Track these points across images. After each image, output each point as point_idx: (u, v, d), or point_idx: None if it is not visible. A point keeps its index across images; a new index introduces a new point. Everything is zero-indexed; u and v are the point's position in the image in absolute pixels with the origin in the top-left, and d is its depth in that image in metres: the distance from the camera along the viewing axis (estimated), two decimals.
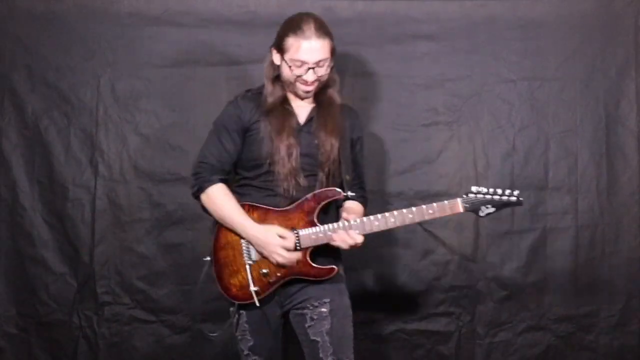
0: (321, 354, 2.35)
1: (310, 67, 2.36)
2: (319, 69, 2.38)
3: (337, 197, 2.40)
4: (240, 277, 2.39)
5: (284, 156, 2.37)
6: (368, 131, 3.13)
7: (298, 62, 2.36)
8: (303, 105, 2.49)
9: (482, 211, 2.38)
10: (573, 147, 3.19)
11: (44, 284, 3.16)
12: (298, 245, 2.36)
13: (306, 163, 2.41)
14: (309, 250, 2.37)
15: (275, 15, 3.05)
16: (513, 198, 2.39)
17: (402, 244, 3.15)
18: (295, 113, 2.46)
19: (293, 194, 2.39)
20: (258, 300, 2.36)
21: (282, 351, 2.54)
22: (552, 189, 3.18)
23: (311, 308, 2.39)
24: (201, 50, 3.16)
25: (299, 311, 2.42)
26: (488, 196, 2.37)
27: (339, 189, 2.40)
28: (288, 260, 2.34)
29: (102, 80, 3.17)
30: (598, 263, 3.19)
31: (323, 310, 2.38)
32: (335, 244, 2.36)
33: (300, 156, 2.39)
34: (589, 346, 3.18)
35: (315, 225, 2.36)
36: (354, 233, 2.34)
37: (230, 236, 2.41)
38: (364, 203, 2.60)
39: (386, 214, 2.36)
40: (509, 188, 2.99)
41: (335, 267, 2.39)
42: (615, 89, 3.18)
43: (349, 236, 2.33)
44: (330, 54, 2.40)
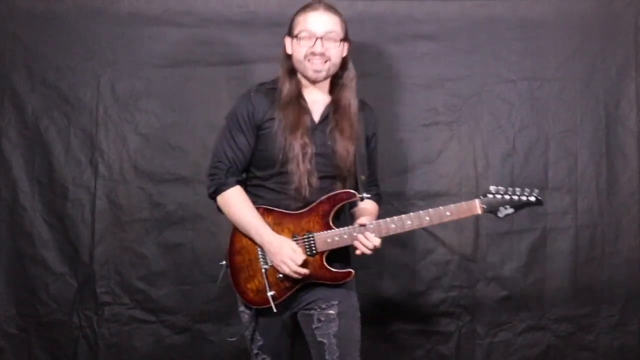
0: (327, 356, 2.33)
1: (318, 37, 2.31)
2: (329, 44, 2.33)
3: (353, 200, 2.36)
4: (256, 282, 2.35)
5: (298, 156, 2.32)
6: None
7: (306, 33, 2.32)
8: (318, 100, 2.42)
9: (501, 212, 2.31)
10: (573, 147, 3.19)
11: (44, 284, 3.15)
12: (314, 249, 2.32)
13: (320, 163, 2.36)
14: (325, 254, 2.33)
15: (275, 15, 3.07)
16: (532, 198, 2.31)
17: (402, 244, 3.14)
18: (309, 110, 2.40)
19: (306, 196, 2.33)
20: (275, 305, 2.33)
21: (291, 350, 2.52)
22: (552, 189, 3.18)
23: (319, 309, 2.36)
24: (201, 50, 3.16)
25: (307, 312, 2.39)
26: (507, 196, 2.31)
27: (354, 191, 2.35)
28: (293, 273, 2.29)
29: (102, 80, 3.16)
30: (598, 263, 3.19)
31: (331, 312, 2.35)
32: (358, 252, 2.32)
33: (314, 156, 2.34)
34: (589, 346, 3.18)
35: (330, 228, 2.32)
36: (371, 236, 2.29)
37: (245, 240, 2.37)
38: (379, 201, 2.56)
39: (402, 216, 2.31)
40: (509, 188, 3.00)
41: (352, 271, 2.35)
42: (615, 89, 3.18)
43: (368, 240, 2.29)
44: (340, 32, 2.36)
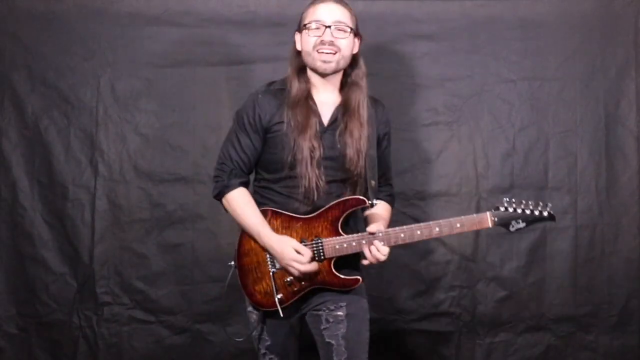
0: (335, 357, 2.31)
1: (327, 27, 2.28)
2: (338, 34, 2.29)
3: (362, 206, 2.32)
4: (264, 284, 2.33)
5: (306, 159, 2.28)
6: None
7: (315, 24, 2.29)
8: (327, 101, 2.38)
9: (513, 226, 2.27)
10: (573, 147, 3.19)
11: (44, 284, 3.15)
12: (322, 255, 2.29)
13: (329, 167, 2.32)
14: (333, 260, 2.30)
15: (275, 15, 3.07)
16: (545, 213, 2.27)
17: (402, 244, 3.13)
18: (318, 112, 2.35)
19: (314, 200, 2.30)
20: (282, 308, 2.30)
21: (298, 351, 2.50)
22: (552, 189, 3.18)
23: (327, 310, 2.34)
24: (201, 50, 3.16)
25: (316, 312, 2.36)
26: (519, 210, 2.27)
27: (364, 198, 2.31)
28: (301, 273, 2.27)
29: (102, 80, 3.17)
30: (597, 263, 3.19)
31: (339, 313, 2.33)
32: (366, 262, 2.29)
33: (322, 160, 2.31)
34: (589, 346, 3.18)
35: (339, 234, 2.29)
36: (380, 245, 2.26)
37: (253, 243, 2.34)
38: (392, 202, 2.53)
39: (412, 226, 2.28)
40: (509, 188, 3.02)
41: (360, 278, 2.32)
42: (615, 89, 3.18)
43: (378, 250, 2.26)
44: (350, 23, 2.32)
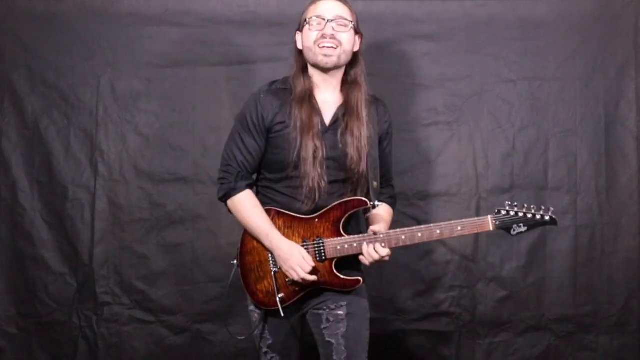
0: (335, 356, 2.31)
1: (327, 21, 2.30)
2: (339, 29, 2.31)
3: (364, 207, 2.33)
4: (266, 284, 2.34)
5: (309, 159, 2.29)
6: None
7: (315, 19, 2.31)
8: (329, 101, 2.39)
9: (514, 230, 2.28)
10: (573, 147, 3.19)
11: (44, 284, 3.15)
12: (324, 255, 2.30)
13: (331, 167, 2.33)
14: (334, 260, 2.32)
15: (275, 15, 3.07)
16: (547, 217, 2.27)
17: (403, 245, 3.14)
18: (320, 112, 2.36)
19: (317, 200, 2.32)
20: (283, 308, 2.32)
21: (299, 350, 2.51)
22: (552, 189, 3.18)
23: (327, 310, 2.35)
24: (201, 50, 3.16)
25: (316, 311, 2.37)
26: (521, 214, 2.27)
27: (365, 199, 2.32)
28: (301, 279, 2.28)
29: (102, 80, 3.17)
30: (597, 263, 3.18)
31: (340, 313, 2.34)
32: (363, 260, 2.30)
33: (325, 159, 2.32)
34: (589, 346, 3.18)
35: (340, 235, 2.31)
36: (379, 247, 2.27)
37: (256, 242, 2.36)
38: (393, 204, 2.54)
39: (414, 228, 2.30)
40: (509, 188, 3.02)
41: (360, 279, 2.33)
42: (615, 89, 3.18)
43: (375, 251, 2.27)
44: (351, 19, 2.34)
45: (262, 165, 2.40)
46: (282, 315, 2.32)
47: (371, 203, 2.33)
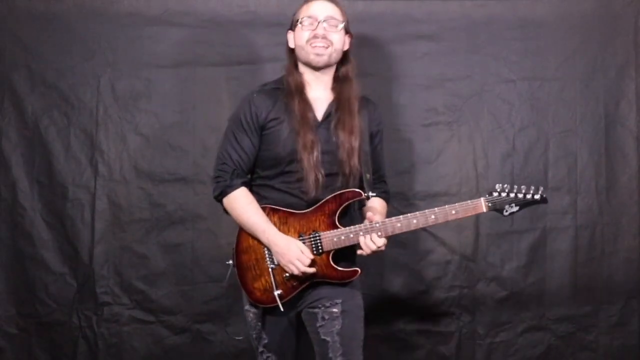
0: (330, 354, 2.33)
1: (319, 21, 2.37)
2: (330, 29, 2.38)
3: (358, 199, 2.36)
4: (263, 281, 2.36)
5: (305, 153, 2.33)
6: None
7: (308, 19, 2.38)
8: (320, 98, 2.43)
9: (507, 210, 2.34)
10: (573, 147, 3.19)
11: (44, 284, 3.15)
12: (320, 248, 2.33)
13: (325, 161, 2.36)
14: (331, 253, 2.34)
15: (275, 15, 3.07)
16: (537, 196, 2.34)
17: (402, 244, 3.14)
18: (313, 108, 2.40)
19: (312, 194, 2.34)
20: (282, 303, 2.34)
21: (295, 349, 2.52)
22: (552, 189, 3.17)
23: (323, 307, 2.36)
24: (201, 50, 3.16)
25: (311, 310, 2.39)
26: (512, 195, 2.33)
27: (360, 190, 2.35)
28: (301, 273, 2.30)
29: (102, 80, 3.17)
30: (597, 263, 3.18)
31: (334, 310, 2.35)
32: (360, 251, 2.33)
33: (319, 154, 2.35)
34: (589, 346, 3.18)
35: (336, 227, 2.33)
36: (375, 237, 2.30)
37: (251, 240, 2.38)
38: (387, 199, 2.58)
39: (408, 215, 2.33)
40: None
41: (358, 270, 2.35)
42: (615, 89, 3.18)
43: (373, 242, 2.30)
44: (341, 19, 2.41)
45: (257, 163, 2.42)
46: (282, 310, 2.33)
47: (365, 194, 2.36)
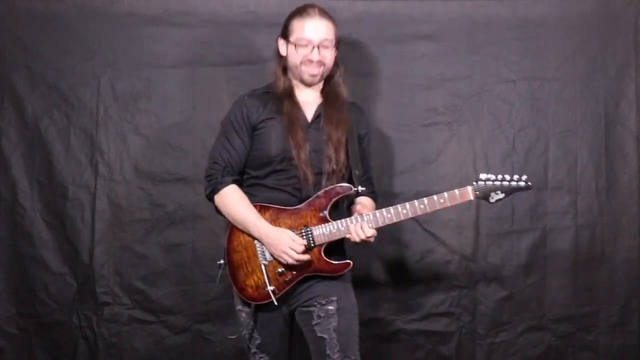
0: (328, 351, 2.36)
1: (314, 46, 2.40)
2: (324, 50, 2.42)
3: (348, 193, 2.42)
4: (255, 278, 2.39)
5: (295, 152, 2.38)
6: None
7: (303, 41, 2.41)
8: (310, 101, 2.50)
9: (492, 197, 2.42)
10: (573, 147, 3.19)
11: (44, 284, 3.15)
12: (312, 242, 2.37)
13: (315, 159, 2.42)
14: (323, 247, 2.39)
15: (275, 15, 3.05)
16: (522, 183, 2.41)
17: (402, 244, 3.14)
18: (302, 110, 2.47)
19: (303, 191, 2.40)
20: (275, 299, 2.37)
21: (289, 352, 2.54)
22: (552, 189, 3.18)
23: (318, 306, 2.39)
24: (201, 50, 3.16)
25: (306, 309, 2.42)
26: (497, 182, 2.41)
27: (349, 185, 2.42)
28: (296, 261, 2.34)
29: (102, 80, 3.17)
30: (598, 263, 3.18)
31: (330, 308, 2.38)
32: (349, 237, 2.38)
33: (309, 152, 2.41)
34: (589, 346, 3.18)
35: (327, 221, 2.38)
36: (366, 226, 2.36)
37: (243, 237, 2.41)
38: (375, 198, 2.61)
39: (398, 206, 2.39)
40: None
41: (350, 262, 2.41)
42: (615, 89, 3.18)
43: (362, 230, 2.36)
44: (334, 37, 2.45)
45: (248, 164, 2.47)
46: (276, 304, 2.36)
47: (355, 189, 2.41)
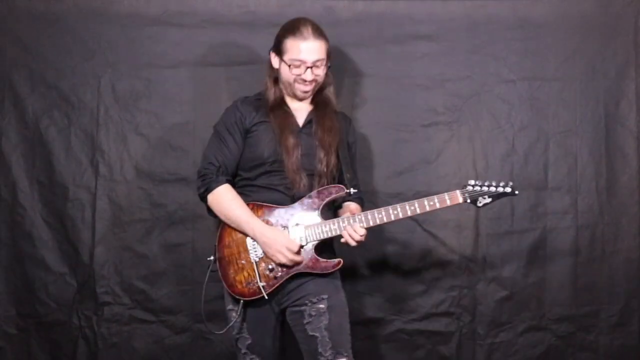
0: (320, 349, 2.38)
1: (308, 67, 2.45)
2: (316, 69, 2.48)
3: (340, 194, 2.47)
4: (245, 274, 2.43)
5: (287, 154, 2.43)
6: (367, 131, 3.14)
7: (297, 62, 2.45)
8: (300, 108, 2.56)
9: (480, 202, 2.53)
10: (573, 147, 3.19)
11: (44, 284, 3.15)
12: (303, 240, 2.41)
13: (307, 162, 2.47)
14: (315, 245, 2.43)
15: (275, 15, 3.07)
16: (508, 189, 2.53)
17: (402, 244, 3.15)
18: (294, 116, 2.53)
19: (295, 192, 2.45)
20: (262, 297, 2.40)
21: (280, 351, 2.55)
22: (552, 189, 3.18)
23: (309, 304, 2.42)
24: (201, 50, 3.16)
25: (297, 308, 2.45)
26: (485, 188, 2.52)
27: (342, 186, 2.47)
28: (290, 261, 2.38)
29: (103, 80, 3.17)
30: (598, 263, 3.18)
31: (321, 306, 2.42)
32: (343, 240, 2.43)
33: (301, 156, 2.46)
34: (590, 346, 3.18)
35: (319, 220, 2.43)
36: (358, 226, 2.41)
37: (234, 234, 2.45)
38: (362, 204, 2.67)
39: (389, 207, 2.46)
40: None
41: (341, 260, 2.45)
42: (615, 89, 3.18)
43: (355, 231, 2.40)
44: (326, 56, 2.50)
45: (240, 166, 2.52)
46: (266, 297, 2.39)
47: (347, 190, 2.47)
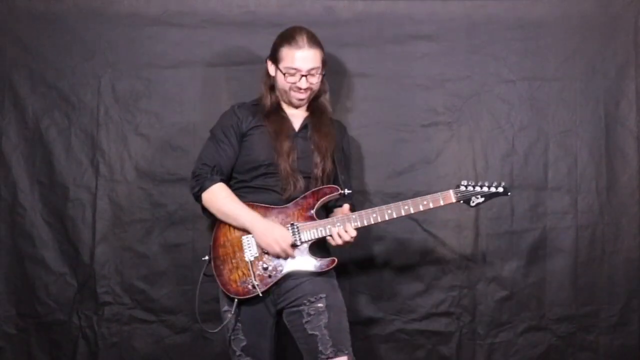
0: (320, 347, 2.39)
1: (303, 75, 2.49)
2: (311, 77, 2.52)
3: (335, 194, 2.51)
4: (240, 273, 2.45)
5: (283, 157, 2.47)
6: (367, 131, 3.14)
7: (292, 70, 2.50)
8: (296, 113, 2.61)
9: (473, 201, 2.62)
10: (573, 147, 3.19)
11: (44, 284, 3.15)
12: (298, 239, 2.43)
13: (303, 165, 2.51)
14: (309, 244, 2.46)
15: (275, 15, 3.07)
16: (500, 189, 2.63)
17: (402, 244, 3.14)
18: (290, 121, 2.58)
19: (290, 194, 2.48)
20: (257, 297, 2.41)
21: (274, 354, 2.56)
22: (552, 189, 3.18)
23: (307, 304, 2.43)
24: (201, 50, 3.16)
25: (295, 308, 2.46)
26: (477, 188, 2.61)
27: (336, 186, 2.51)
28: (283, 251, 2.41)
29: (103, 80, 3.17)
30: (598, 263, 3.18)
31: (320, 305, 2.43)
32: (331, 241, 2.46)
33: (297, 159, 2.50)
34: (590, 346, 3.18)
35: (314, 220, 2.46)
36: (350, 227, 2.43)
37: (229, 233, 2.48)
38: (352, 209, 2.64)
39: (383, 207, 2.52)
40: (509, 188, 3.05)
41: (335, 259, 2.47)
42: (615, 89, 3.18)
43: (345, 230, 2.43)
44: (321, 64, 2.54)
45: (236, 169, 2.56)
46: (260, 295, 2.41)
47: (341, 191, 2.51)
